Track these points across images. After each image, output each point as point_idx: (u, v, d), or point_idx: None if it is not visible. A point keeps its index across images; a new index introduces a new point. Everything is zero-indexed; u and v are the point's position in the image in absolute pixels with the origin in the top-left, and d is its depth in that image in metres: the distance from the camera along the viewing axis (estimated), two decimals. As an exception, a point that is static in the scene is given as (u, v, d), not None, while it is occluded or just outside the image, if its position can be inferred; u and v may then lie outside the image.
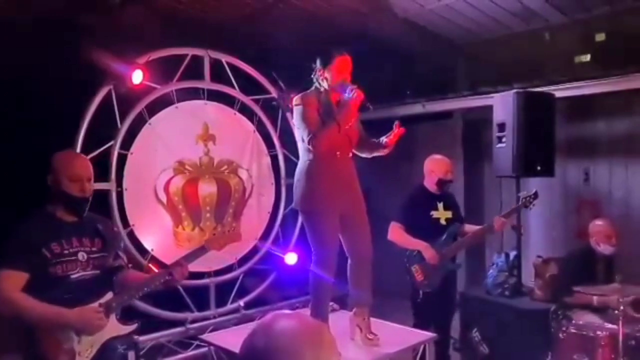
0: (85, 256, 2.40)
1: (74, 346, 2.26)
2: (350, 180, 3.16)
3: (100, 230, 2.51)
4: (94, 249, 2.45)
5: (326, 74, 3.09)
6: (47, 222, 2.38)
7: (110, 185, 3.77)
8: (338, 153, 3.07)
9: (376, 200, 4.06)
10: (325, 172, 3.04)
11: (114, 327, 2.40)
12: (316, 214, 3.07)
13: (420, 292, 3.86)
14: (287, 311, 1.15)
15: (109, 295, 2.40)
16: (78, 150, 3.55)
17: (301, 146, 3.16)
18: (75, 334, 2.27)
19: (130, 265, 2.73)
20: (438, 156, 4.11)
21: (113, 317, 2.40)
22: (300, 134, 3.09)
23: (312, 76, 3.16)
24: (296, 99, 3.14)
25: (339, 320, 3.34)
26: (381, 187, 5.43)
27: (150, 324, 3.64)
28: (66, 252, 2.34)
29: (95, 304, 2.34)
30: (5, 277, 2.23)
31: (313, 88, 3.16)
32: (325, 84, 3.10)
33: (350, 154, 3.17)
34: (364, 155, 3.35)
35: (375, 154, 3.31)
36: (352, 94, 2.95)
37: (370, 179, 3.57)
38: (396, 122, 3.19)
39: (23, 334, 2.25)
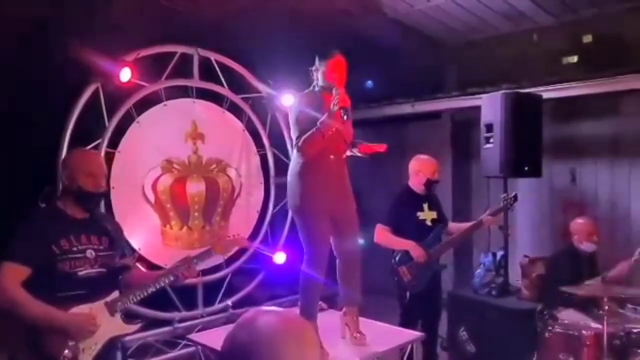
0: (94, 254, 2.41)
1: (78, 343, 2.28)
2: (341, 182, 3.16)
3: (108, 229, 2.53)
4: (101, 247, 2.47)
5: (319, 76, 3.10)
6: (57, 218, 2.40)
7: (98, 184, 3.73)
8: (332, 156, 3.07)
9: (366, 200, 4.06)
10: (316, 174, 3.04)
11: (118, 326, 2.43)
12: (307, 214, 3.07)
13: (408, 293, 3.87)
14: (268, 307, 1.14)
15: (115, 294, 2.44)
16: (65, 148, 3.52)
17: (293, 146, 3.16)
18: (69, 339, 2.26)
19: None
20: (424, 156, 4.06)
21: (118, 316, 2.43)
22: (292, 133, 3.09)
23: (311, 76, 3.17)
24: (291, 98, 3.12)
25: (328, 319, 3.35)
26: (370, 187, 5.43)
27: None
28: (75, 249, 2.36)
29: (102, 302, 2.37)
30: (7, 270, 2.23)
31: (311, 88, 3.17)
32: (318, 85, 3.11)
33: (344, 156, 3.15)
34: None
35: (349, 153, 3.26)
36: (334, 106, 2.90)
37: (359, 179, 3.57)
38: (385, 145, 3.18)
39: (29, 329, 2.25)
